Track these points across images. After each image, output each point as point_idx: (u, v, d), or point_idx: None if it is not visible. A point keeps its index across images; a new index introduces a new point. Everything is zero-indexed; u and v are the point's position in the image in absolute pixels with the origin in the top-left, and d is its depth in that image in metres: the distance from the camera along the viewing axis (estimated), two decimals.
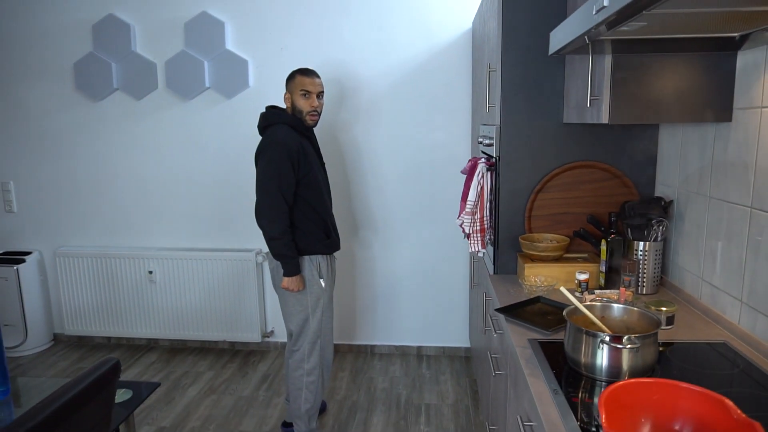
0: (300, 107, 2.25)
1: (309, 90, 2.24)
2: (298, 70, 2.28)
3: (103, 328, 3.48)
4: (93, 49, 3.23)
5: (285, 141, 2.16)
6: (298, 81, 2.25)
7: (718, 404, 0.88)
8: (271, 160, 2.15)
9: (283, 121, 2.24)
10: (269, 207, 2.15)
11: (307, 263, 2.27)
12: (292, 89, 2.26)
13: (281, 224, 2.16)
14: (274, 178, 2.14)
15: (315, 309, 2.32)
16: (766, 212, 1.35)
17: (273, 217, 2.15)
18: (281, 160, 2.14)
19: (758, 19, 1.10)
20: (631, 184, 1.99)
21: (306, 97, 2.24)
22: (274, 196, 2.14)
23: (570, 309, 1.35)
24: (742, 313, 1.46)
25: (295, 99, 2.25)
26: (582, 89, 1.70)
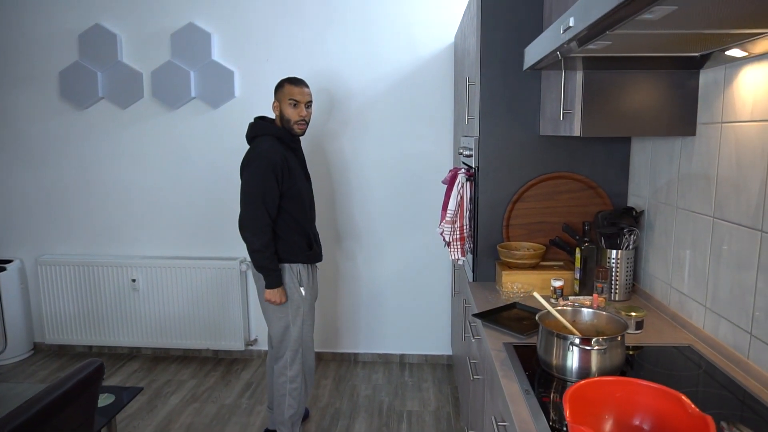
0: (288, 116, 2.26)
1: (297, 99, 2.25)
2: (286, 79, 2.29)
3: (85, 336, 3.46)
4: (79, 58, 3.25)
5: (269, 154, 2.18)
6: (287, 90, 2.26)
7: (674, 400, 0.93)
8: (255, 173, 2.17)
9: (269, 133, 2.26)
10: (252, 219, 2.18)
11: (288, 272, 2.29)
12: (281, 98, 2.27)
13: (264, 237, 2.18)
14: (258, 191, 2.16)
15: (295, 317, 2.33)
16: (726, 222, 1.42)
17: (256, 229, 2.18)
18: (265, 173, 2.16)
19: (714, 40, 1.18)
20: (604, 194, 2.07)
21: (294, 106, 2.26)
22: (258, 209, 2.17)
23: (543, 313, 1.41)
24: (706, 318, 1.53)
25: (284, 108, 2.26)
26: (556, 103, 1.77)
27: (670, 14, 0.91)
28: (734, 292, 1.39)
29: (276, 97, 2.30)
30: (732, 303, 1.40)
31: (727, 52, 1.26)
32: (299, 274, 2.31)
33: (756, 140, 1.30)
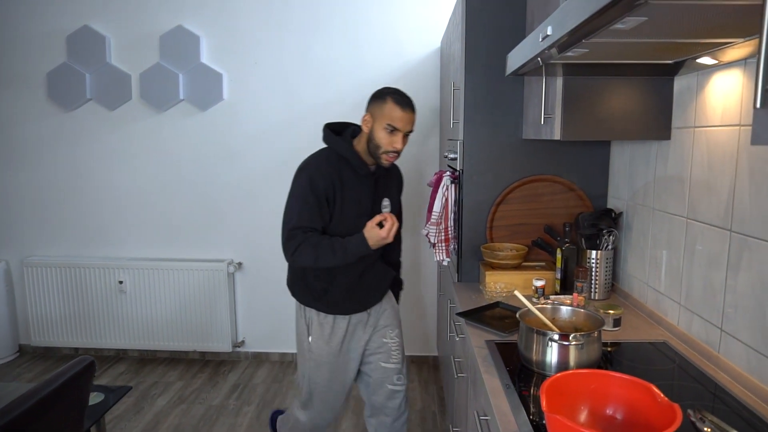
0: (378, 142, 1.76)
1: (397, 126, 1.74)
2: (391, 93, 1.77)
3: (71, 339, 3.45)
4: (67, 59, 3.25)
5: (313, 175, 1.78)
6: (388, 110, 1.74)
7: (644, 390, 0.98)
8: (294, 192, 1.82)
9: (333, 148, 1.85)
10: (285, 240, 1.80)
11: (298, 311, 1.97)
12: (377, 115, 1.77)
13: (306, 255, 1.75)
14: (292, 210, 1.80)
15: (303, 364, 1.97)
16: (699, 222, 1.48)
17: (293, 249, 1.78)
18: (304, 191, 1.77)
19: (685, 49, 1.24)
20: (584, 196, 2.12)
21: (391, 132, 1.75)
22: (289, 228, 1.79)
23: (523, 311, 1.45)
24: (680, 315, 1.58)
25: (376, 129, 1.76)
26: (537, 108, 1.83)
27: (641, 24, 0.96)
28: (706, 289, 1.44)
29: (370, 109, 1.81)
30: (704, 300, 1.46)
31: (699, 59, 1.32)
32: (310, 320, 1.93)
33: (726, 144, 1.36)
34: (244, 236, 3.38)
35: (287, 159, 3.26)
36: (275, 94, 3.23)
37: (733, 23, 0.96)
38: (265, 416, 2.80)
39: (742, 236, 1.29)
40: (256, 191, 3.33)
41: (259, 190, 3.32)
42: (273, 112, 3.25)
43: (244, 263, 3.41)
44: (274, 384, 3.17)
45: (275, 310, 3.40)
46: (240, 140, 3.28)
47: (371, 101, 1.82)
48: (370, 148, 1.80)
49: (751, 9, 0.84)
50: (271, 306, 3.41)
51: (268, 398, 3.00)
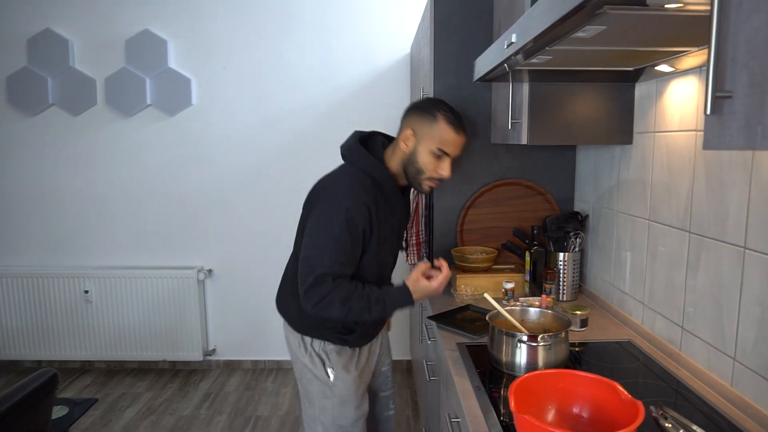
0: (421, 165, 1.48)
1: (448, 152, 1.47)
2: (443, 110, 1.47)
3: (34, 351, 3.33)
4: (28, 63, 3.17)
5: (351, 209, 1.41)
6: (439, 131, 1.45)
7: (609, 388, 1.01)
8: (325, 227, 1.41)
9: (366, 170, 1.49)
10: (310, 287, 1.40)
11: (300, 345, 1.58)
12: (424, 135, 1.47)
13: (332, 308, 1.40)
14: (324, 253, 1.40)
15: (323, 407, 1.60)
16: (660, 224, 1.53)
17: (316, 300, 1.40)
18: (341, 227, 1.40)
19: (644, 57, 1.28)
20: (552, 200, 2.17)
21: (439, 158, 1.47)
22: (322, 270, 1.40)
23: (493, 313, 1.47)
24: (644, 315, 1.63)
25: (421, 150, 1.47)
26: (505, 113, 1.86)
27: (600, 33, 0.99)
28: (668, 289, 1.49)
29: (413, 124, 1.49)
30: (666, 300, 1.50)
31: (657, 67, 1.37)
32: (323, 353, 1.57)
33: (684, 148, 1.41)
34: (214, 243, 3.33)
35: (257, 165, 3.25)
36: (245, 100, 3.20)
37: (686, 33, 1.00)
38: (237, 425, 2.76)
39: (699, 237, 1.34)
40: (226, 197, 3.29)
41: (228, 196, 3.29)
42: (243, 118, 3.22)
43: (214, 270, 3.36)
44: (246, 392, 3.13)
45: (247, 317, 3.36)
46: (209, 146, 3.24)
47: (414, 115, 1.50)
48: (409, 171, 1.50)
49: (703, 19, 0.88)
50: (242, 313, 3.37)
51: (241, 406, 2.96)
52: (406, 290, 1.46)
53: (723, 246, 1.24)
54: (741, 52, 0.61)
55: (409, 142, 1.49)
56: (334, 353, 1.57)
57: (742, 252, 1.18)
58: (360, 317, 1.42)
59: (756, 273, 1.14)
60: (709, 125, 0.67)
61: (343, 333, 1.57)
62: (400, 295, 1.46)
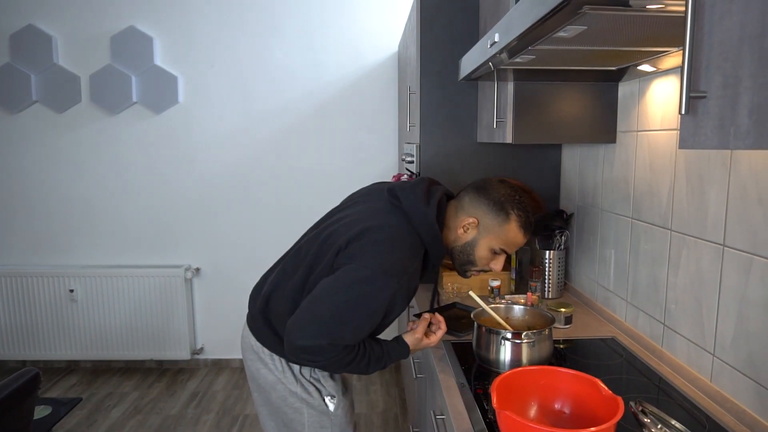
0: (476, 259, 1.37)
1: (508, 251, 1.38)
2: (517, 210, 1.33)
3: (17, 351, 3.30)
4: (10, 59, 3.12)
5: (399, 288, 1.24)
6: (508, 232, 1.33)
7: (590, 384, 1.02)
8: (362, 294, 1.21)
9: (422, 235, 1.31)
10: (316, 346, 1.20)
11: (295, 373, 1.39)
12: (490, 229, 1.34)
13: (333, 366, 1.26)
14: (348, 322, 1.20)
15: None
16: (642, 222, 1.55)
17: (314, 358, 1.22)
18: (376, 309, 1.23)
19: (626, 56, 1.29)
20: (538, 198, 2.18)
21: (496, 255, 1.37)
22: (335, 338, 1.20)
23: (477, 311, 1.48)
24: (627, 312, 1.65)
25: (481, 244, 1.35)
26: (490, 112, 1.87)
27: (582, 33, 1.00)
28: (650, 287, 1.51)
29: (480, 215, 1.34)
30: (648, 297, 1.52)
31: (639, 67, 1.39)
32: (316, 380, 1.41)
33: (665, 147, 1.43)
34: (202, 241, 3.32)
35: (244, 162, 3.24)
36: (232, 98, 3.19)
37: (666, 33, 1.01)
38: (224, 424, 2.75)
39: (680, 235, 1.35)
40: (213, 195, 3.27)
41: (216, 194, 3.27)
42: (229, 116, 3.20)
43: (202, 268, 3.34)
44: (234, 391, 3.12)
45: (235, 315, 3.35)
46: (196, 144, 3.23)
47: (483, 204, 1.34)
48: (458, 257, 1.39)
49: (681, 20, 0.89)
50: (230, 311, 3.36)
51: (228, 405, 2.95)
52: (406, 349, 1.36)
53: (703, 243, 1.26)
54: (714, 54, 0.62)
55: (470, 231, 1.35)
56: (328, 379, 1.42)
57: (721, 249, 1.20)
58: (354, 370, 1.28)
59: (734, 270, 1.16)
60: (684, 125, 0.68)
61: None
62: (399, 352, 1.35)
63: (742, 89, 0.59)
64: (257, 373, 1.42)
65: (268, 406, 1.43)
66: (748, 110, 0.58)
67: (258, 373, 1.41)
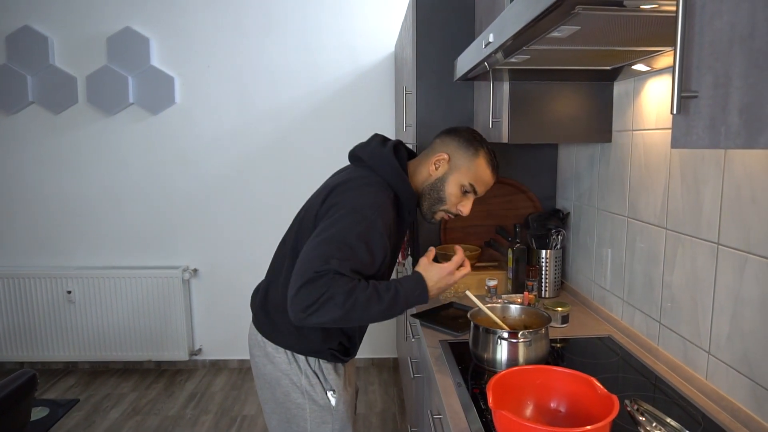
0: (445, 196, 1.40)
1: (479, 190, 1.42)
2: (485, 147, 1.41)
3: (15, 352, 3.29)
4: (6, 60, 3.12)
5: (383, 211, 1.27)
6: (477, 168, 1.39)
7: (585, 383, 1.02)
8: (344, 230, 1.21)
9: (392, 184, 1.35)
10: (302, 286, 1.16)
11: (300, 365, 1.40)
12: (460, 166, 1.39)
13: (336, 299, 1.15)
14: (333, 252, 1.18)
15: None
16: (638, 221, 1.55)
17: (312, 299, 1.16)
18: (378, 229, 1.24)
19: (620, 56, 1.30)
20: (534, 197, 2.19)
21: (466, 195, 1.42)
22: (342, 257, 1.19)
23: (474, 311, 1.49)
24: (624, 311, 1.65)
25: (450, 181, 1.39)
26: (486, 112, 1.87)
27: (575, 33, 1.00)
28: (646, 285, 1.51)
29: (451, 151, 1.40)
30: (644, 295, 1.53)
31: (634, 66, 1.39)
32: (319, 371, 1.42)
33: (660, 146, 1.43)
34: (199, 242, 3.31)
35: (241, 163, 3.24)
36: (228, 98, 3.19)
37: (659, 33, 1.01)
38: (223, 425, 2.76)
39: (676, 233, 1.36)
40: (211, 196, 3.27)
41: (213, 195, 3.27)
42: (226, 116, 3.20)
43: (199, 270, 3.34)
44: (232, 391, 3.13)
45: (233, 316, 3.35)
46: (193, 144, 3.23)
47: (453, 141, 1.41)
48: (427, 196, 1.41)
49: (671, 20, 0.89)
50: (228, 312, 3.36)
51: (227, 406, 2.95)
52: (418, 276, 1.28)
53: (698, 242, 1.27)
54: (705, 54, 0.63)
55: (441, 167, 1.39)
56: (332, 372, 1.41)
57: (715, 248, 1.20)
58: (365, 314, 1.18)
59: (729, 268, 1.16)
60: (676, 124, 0.68)
61: (342, 351, 1.43)
62: (413, 283, 1.26)
63: (732, 89, 0.59)
64: (263, 369, 1.44)
65: (273, 403, 1.45)
66: (739, 110, 0.58)
67: (264, 369, 1.44)
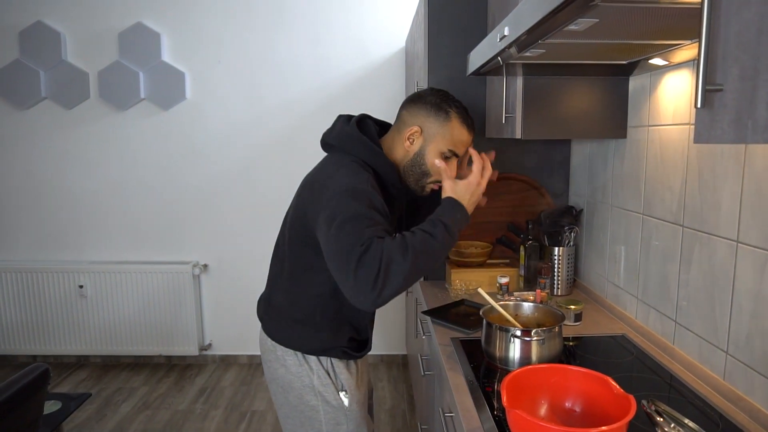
0: (429, 168, 1.34)
1: (458, 152, 1.35)
2: (456, 107, 1.34)
3: (28, 346, 3.33)
4: (19, 56, 3.14)
5: (358, 183, 1.22)
6: (452, 131, 1.32)
7: (601, 382, 1.01)
8: (344, 215, 1.15)
9: (365, 160, 1.31)
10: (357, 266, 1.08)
11: (312, 365, 1.38)
12: (435, 134, 1.32)
13: (397, 260, 1.09)
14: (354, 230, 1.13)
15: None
16: (654, 218, 1.53)
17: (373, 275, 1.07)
18: (359, 205, 1.17)
19: (637, 50, 1.27)
20: (547, 194, 2.16)
21: (447, 158, 1.34)
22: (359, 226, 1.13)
23: (486, 308, 1.47)
24: (638, 309, 1.63)
25: (429, 151, 1.33)
26: (499, 107, 1.85)
27: (593, 26, 0.98)
28: (661, 283, 1.49)
29: (422, 122, 1.33)
30: (660, 294, 1.50)
31: (651, 60, 1.36)
32: (331, 371, 1.39)
33: (677, 142, 1.40)
34: (209, 238, 3.32)
35: (252, 159, 3.24)
36: (239, 94, 3.19)
37: (679, 25, 0.99)
38: (233, 420, 2.76)
39: (693, 231, 1.33)
40: (221, 191, 3.28)
41: (223, 191, 3.28)
42: (237, 112, 3.20)
43: (209, 265, 3.35)
44: (242, 387, 3.14)
45: (243, 311, 3.36)
46: (204, 140, 3.23)
47: (422, 109, 1.33)
48: (411, 172, 1.35)
49: (695, 12, 0.87)
50: (238, 308, 3.37)
51: (236, 401, 2.96)
52: (451, 201, 1.23)
53: (716, 240, 1.24)
54: (732, 46, 0.61)
55: (416, 141, 1.33)
56: (344, 371, 1.39)
57: (734, 246, 1.18)
58: (429, 257, 1.13)
59: (748, 267, 1.14)
60: (699, 118, 0.66)
61: (354, 347, 1.40)
62: (451, 209, 1.22)
63: (760, 82, 0.57)
64: (276, 373, 1.42)
65: (287, 407, 1.43)
66: (767, 103, 0.57)
67: (276, 373, 1.42)
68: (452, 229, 1.19)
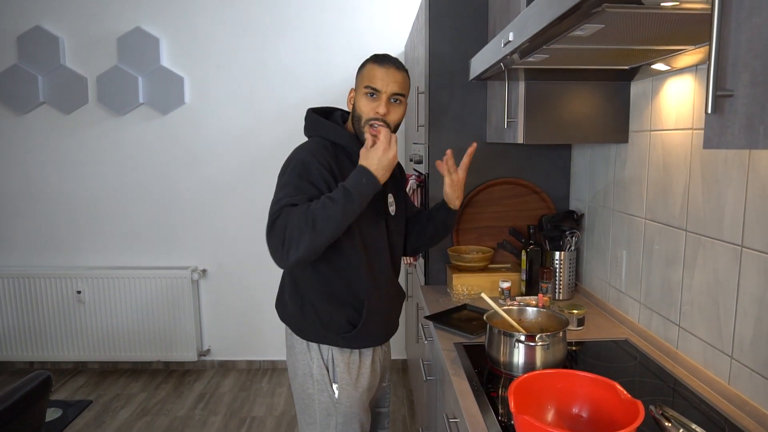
0: (359, 112, 1.44)
1: (377, 87, 1.41)
2: (370, 57, 1.48)
3: (25, 352, 3.30)
4: (18, 61, 3.13)
5: (304, 155, 1.42)
6: (366, 72, 1.44)
7: (608, 388, 1.00)
8: (279, 184, 1.44)
9: (321, 135, 1.50)
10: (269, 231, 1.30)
11: (304, 354, 1.48)
12: (358, 85, 1.47)
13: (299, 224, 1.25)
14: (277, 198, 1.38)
15: (325, 423, 1.49)
16: (656, 222, 1.53)
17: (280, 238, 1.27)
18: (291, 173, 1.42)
19: (640, 55, 1.28)
20: (548, 198, 2.17)
21: (372, 97, 1.42)
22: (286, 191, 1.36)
23: (490, 313, 1.47)
24: (641, 313, 1.63)
25: (358, 100, 1.45)
26: (500, 112, 1.86)
27: (598, 31, 0.99)
28: (664, 288, 1.49)
29: (356, 82, 1.50)
30: (662, 298, 1.50)
31: (653, 65, 1.37)
32: (330, 362, 1.47)
33: (679, 147, 1.41)
34: (208, 243, 3.31)
35: (251, 164, 3.24)
36: (238, 99, 3.18)
37: (684, 31, 1.00)
38: (232, 425, 2.75)
39: (696, 236, 1.34)
40: (220, 196, 3.27)
41: (222, 196, 3.27)
42: (236, 117, 3.20)
43: (208, 270, 3.34)
44: (241, 392, 3.12)
45: (242, 317, 3.35)
46: (202, 145, 3.23)
47: (356, 76, 1.51)
48: (356, 128, 1.47)
49: (701, 18, 0.88)
50: (237, 313, 3.35)
51: (236, 407, 2.95)
52: (359, 168, 1.35)
53: (720, 244, 1.25)
54: (742, 51, 0.61)
55: (351, 99, 1.50)
56: (341, 364, 1.46)
57: (739, 250, 1.18)
58: (329, 221, 1.25)
59: (753, 271, 1.14)
60: (709, 124, 0.66)
61: (349, 329, 1.44)
62: (356, 175, 1.33)
63: None
64: (289, 360, 1.56)
65: (295, 393, 1.56)
66: None
67: (290, 359, 1.56)
68: (356, 195, 1.30)
